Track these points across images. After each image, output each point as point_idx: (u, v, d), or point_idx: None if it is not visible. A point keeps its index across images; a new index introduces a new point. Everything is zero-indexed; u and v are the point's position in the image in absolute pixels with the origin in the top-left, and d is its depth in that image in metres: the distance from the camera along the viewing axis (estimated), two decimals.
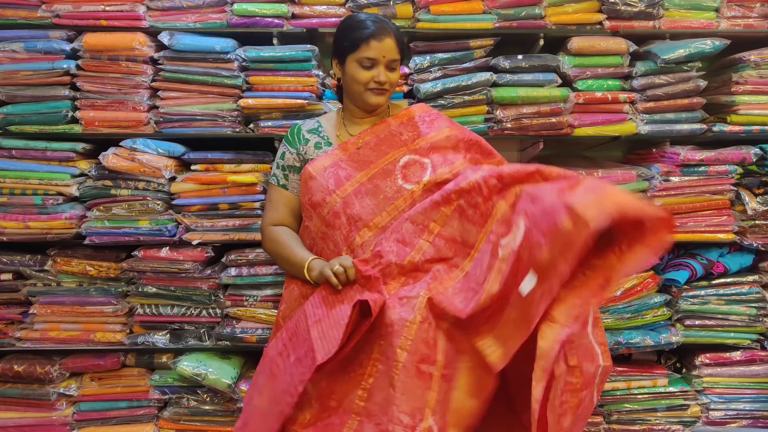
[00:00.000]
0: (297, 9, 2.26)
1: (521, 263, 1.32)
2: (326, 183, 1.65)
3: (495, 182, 1.49)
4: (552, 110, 2.24)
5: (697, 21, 2.30)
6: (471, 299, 1.40)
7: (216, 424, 2.30)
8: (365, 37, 1.63)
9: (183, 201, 2.23)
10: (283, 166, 1.77)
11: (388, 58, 1.65)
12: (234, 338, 2.25)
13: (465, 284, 1.46)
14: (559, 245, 1.25)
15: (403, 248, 1.51)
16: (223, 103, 2.24)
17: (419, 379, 1.36)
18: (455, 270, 1.50)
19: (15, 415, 2.29)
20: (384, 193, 1.61)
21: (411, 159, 1.66)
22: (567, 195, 1.29)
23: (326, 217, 1.63)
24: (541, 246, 1.28)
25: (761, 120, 2.29)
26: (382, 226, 1.58)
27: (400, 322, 1.41)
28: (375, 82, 1.65)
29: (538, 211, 1.33)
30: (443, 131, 1.71)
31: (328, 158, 1.69)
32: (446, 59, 2.25)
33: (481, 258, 1.45)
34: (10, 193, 2.20)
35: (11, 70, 2.19)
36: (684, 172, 2.28)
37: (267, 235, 1.76)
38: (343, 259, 1.54)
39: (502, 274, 1.35)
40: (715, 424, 2.34)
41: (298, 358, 1.44)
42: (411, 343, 1.38)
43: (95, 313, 2.27)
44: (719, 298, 2.31)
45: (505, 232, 1.41)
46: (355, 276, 1.51)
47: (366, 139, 1.70)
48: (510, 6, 2.26)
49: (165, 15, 2.25)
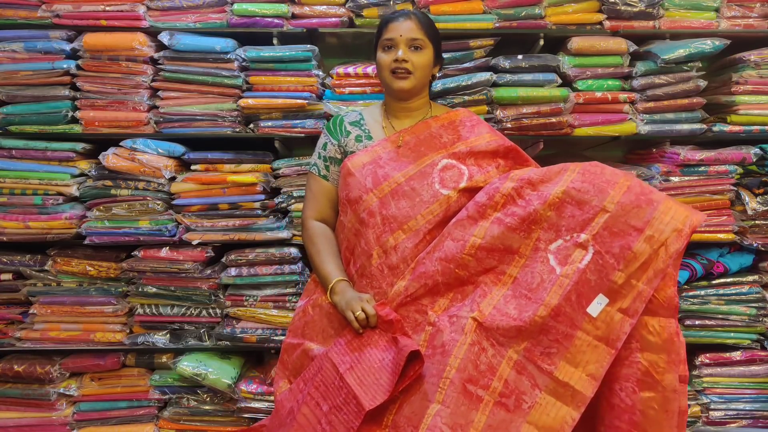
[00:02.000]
0: (297, 9, 2.26)
1: (588, 285, 1.36)
2: (364, 181, 1.64)
3: (529, 191, 1.51)
4: (552, 110, 2.24)
5: (697, 21, 2.30)
6: (526, 307, 1.41)
7: (216, 424, 2.30)
8: (385, 22, 1.70)
9: (183, 201, 2.23)
10: (325, 156, 1.76)
11: (407, 37, 1.65)
12: (234, 338, 2.25)
13: (516, 290, 1.46)
14: (636, 268, 1.34)
15: (447, 265, 1.51)
16: (223, 103, 2.24)
17: (465, 397, 1.37)
18: (502, 277, 1.50)
19: (15, 415, 2.29)
20: (420, 196, 1.61)
21: (449, 163, 1.66)
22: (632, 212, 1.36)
23: (361, 215, 1.63)
24: (615, 268, 1.34)
25: (761, 120, 2.29)
26: (416, 230, 1.58)
27: (451, 343, 1.42)
28: (394, 62, 1.65)
29: (606, 232, 1.37)
30: (484, 137, 1.71)
31: (368, 155, 1.69)
32: (446, 59, 2.25)
33: (532, 265, 1.46)
34: (10, 193, 2.21)
35: (11, 70, 2.19)
36: (684, 172, 2.28)
37: (307, 230, 1.75)
38: (365, 303, 1.52)
39: (563, 288, 1.37)
40: (715, 424, 2.34)
41: (335, 406, 1.41)
42: (460, 361, 1.39)
43: (95, 313, 2.27)
44: (719, 298, 2.31)
45: (553, 238, 1.45)
46: (377, 322, 1.50)
47: (406, 139, 1.70)
48: (510, 6, 2.26)
49: (165, 15, 2.25)
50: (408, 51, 1.66)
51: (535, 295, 1.41)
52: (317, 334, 1.64)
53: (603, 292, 1.35)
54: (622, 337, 1.33)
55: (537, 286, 1.42)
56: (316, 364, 1.54)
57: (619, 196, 1.40)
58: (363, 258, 1.61)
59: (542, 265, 1.44)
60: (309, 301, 1.70)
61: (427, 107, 1.80)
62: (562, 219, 1.45)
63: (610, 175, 1.45)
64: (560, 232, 1.45)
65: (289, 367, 1.67)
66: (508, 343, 1.41)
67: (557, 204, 1.46)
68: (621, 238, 1.36)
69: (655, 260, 1.34)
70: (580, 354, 1.35)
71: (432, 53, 1.71)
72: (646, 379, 1.35)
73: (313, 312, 1.67)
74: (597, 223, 1.40)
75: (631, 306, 1.34)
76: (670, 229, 1.34)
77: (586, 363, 1.34)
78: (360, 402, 1.36)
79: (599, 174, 1.46)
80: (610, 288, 1.35)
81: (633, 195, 1.40)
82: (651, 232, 1.34)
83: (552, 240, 1.45)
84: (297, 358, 1.64)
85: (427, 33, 1.68)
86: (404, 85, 1.68)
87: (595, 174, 1.46)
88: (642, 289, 1.34)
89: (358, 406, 1.35)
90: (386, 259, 1.58)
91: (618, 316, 1.34)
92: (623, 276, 1.34)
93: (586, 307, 1.36)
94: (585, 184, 1.44)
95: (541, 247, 1.46)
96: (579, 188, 1.44)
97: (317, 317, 1.66)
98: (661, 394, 1.34)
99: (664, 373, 1.34)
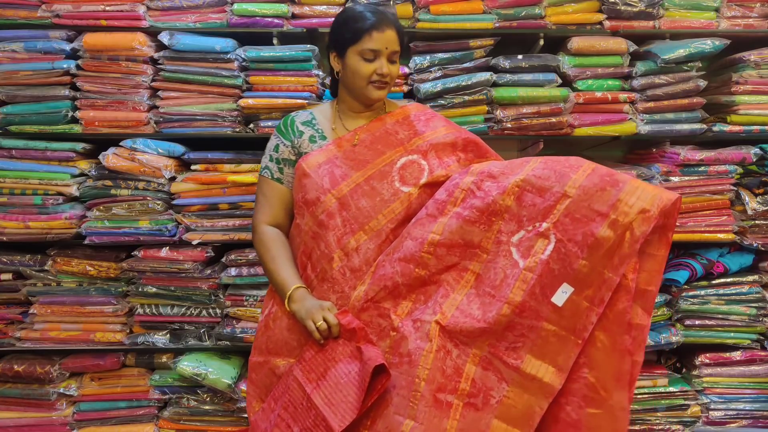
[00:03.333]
0: (297, 9, 2.26)
1: (552, 275, 1.30)
2: (321, 181, 1.59)
3: (490, 183, 1.46)
4: (552, 110, 2.24)
5: (697, 21, 2.30)
6: (490, 306, 1.37)
7: (216, 423, 2.30)
8: (367, 28, 1.58)
9: (183, 201, 2.23)
10: (278, 159, 1.69)
11: (391, 50, 1.60)
12: (234, 338, 2.25)
13: (479, 288, 1.41)
14: (601, 255, 1.26)
15: (406, 266, 1.46)
16: (223, 103, 2.24)
17: (436, 409, 1.34)
18: (465, 274, 1.45)
19: (15, 415, 2.29)
20: (381, 195, 1.57)
21: (408, 160, 1.62)
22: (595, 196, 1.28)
23: (320, 216, 1.58)
24: (578, 257, 1.27)
25: (761, 120, 2.29)
26: (377, 230, 1.54)
27: (417, 351, 1.38)
28: (378, 74, 1.60)
29: (567, 219, 1.31)
30: (440, 130, 1.68)
31: (323, 154, 1.63)
32: (446, 59, 2.25)
33: (495, 260, 1.41)
34: (10, 193, 2.21)
35: (11, 70, 2.19)
36: (684, 172, 2.28)
37: (260, 235, 1.68)
38: (326, 311, 1.46)
39: (527, 283, 1.32)
40: (715, 424, 2.34)
41: (305, 428, 1.37)
42: (428, 372, 1.36)
43: (95, 313, 2.27)
44: (719, 298, 2.31)
45: (515, 230, 1.39)
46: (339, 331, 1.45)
47: (362, 137, 1.66)
48: (510, 6, 2.26)
49: (165, 15, 2.25)
50: (387, 63, 1.61)
51: (498, 292, 1.36)
52: (281, 348, 1.59)
53: (567, 281, 1.29)
54: (589, 327, 1.28)
55: (500, 282, 1.37)
56: (283, 382, 1.51)
57: (582, 179, 1.33)
58: (323, 262, 1.55)
59: (505, 260, 1.38)
60: (269, 315, 1.64)
61: (380, 104, 1.75)
62: (522, 209, 1.39)
63: (575, 161, 1.39)
64: (522, 223, 1.39)
65: (259, 385, 1.62)
66: (473, 342, 1.38)
67: (517, 193, 1.40)
68: (584, 224, 1.29)
69: (621, 246, 1.26)
70: (546, 345, 1.30)
71: None
72: (592, 396, 1.30)
73: (273, 326, 1.61)
74: (558, 210, 1.33)
75: (596, 295, 1.27)
76: (635, 211, 1.25)
77: (553, 354, 1.30)
78: (329, 424, 1.32)
79: (562, 161, 1.40)
80: (575, 277, 1.28)
81: (596, 177, 1.32)
82: (615, 215, 1.26)
83: (514, 232, 1.39)
84: (265, 377, 1.60)
85: (401, 42, 1.64)
86: (382, 95, 1.64)
87: (557, 161, 1.41)
88: (608, 277, 1.27)
89: (328, 428, 1.32)
90: (348, 261, 1.53)
91: (584, 304, 1.28)
92: (587, 264, 1.27)
93: (551, 297, 1.30)
94: (546, 170, 1.38)
95: (503, 240, 1.40)
96: (539, 175, 1.38)
97: (278, 331, 1.60)
98: (608, 412, 1.29)
99: (612, 390, 1.29)
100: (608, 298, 1.28)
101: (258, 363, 1.63)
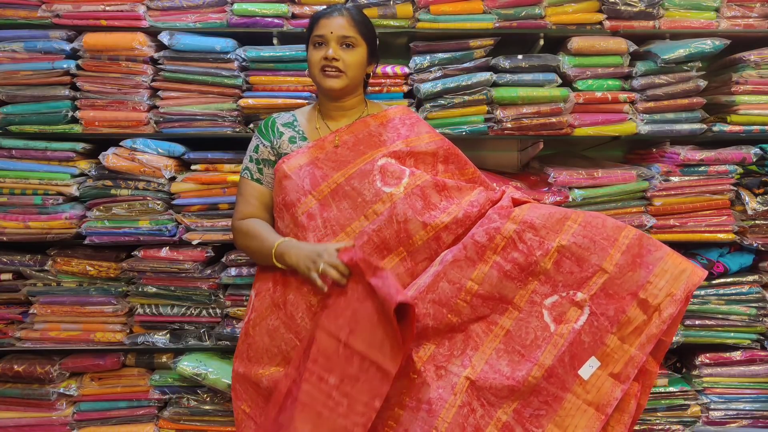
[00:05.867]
0: (297, 9, 2.26)
1: (582, 346, 1.34)
2: (302, 183, 1.58)
3: (531, 236, 1.46)
4: (552, 110, 2.24)
5: (697, 21, 2.30)
6: (519, 365, 1.38)
7: (216, 424, 2.30)
8: (316, 18, 1.64)
9: (183, 201, 2.23)
10: (257, 159, 1.70)
11: (338, 34, 1.59)
12: (234, 338, 2.24)
13: (508, 344, 1.42)
14: (629, 333, 1.32)
15: (440, 309, 1.45)
16: (223, 103, 2.24)
17: None
18: (494, 328, 1.45)
19: (15, 415, 2.29)
20: (362, 195, 1.55)
21: (388, 162, 1.60)
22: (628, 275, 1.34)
23: (300, 218, 1.56)
24: (608, 331, 1.32)
25: (761, 120, 2.29)
26: (360, 232, 1.53)
27: (438, 402, 1.37)
28: (324, 59, 1.59)
29: (602, 293, 1.35)
30: (423, 137, 1.68)
31: (304, 156, 1.63)
32: (446, 59, 2.25)
33: (527, 319, 1.42)
34: (10, 193, 2.20)
35: (11, 70, 2.19)
36: (684, 172, 2.28)
37: (237, 229, 1.66)
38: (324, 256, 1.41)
39: (558, 349, 1.35)
40: (715, 424, 2.34)
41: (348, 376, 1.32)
42: (447, 425, 1.35)
43: (95, 313, 2.27)
44: (719, 298, 2.31)
45: (549, 292, 1.42)
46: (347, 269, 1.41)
47: (344, 138, 1.65)
48: (510, 6, 2.26)
49: (165, 15, 2.24)
50: (339, 49, 1.60)
51: (528, 352, 1.38)
52: (262, 356, 1.57)
53: (596, 354, 1.34)
54: (613, 402, 1.31)
55: (531, 343, 1.39)
56: (307, 338, 1.46)
57: (618, 257, 1.39)
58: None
59: (537, 321, 1.41)
60: (248, 322, 1.63)
61: (362, 105, 1.74)
62: (559, 274, 1.42)
63: (612, 230, 1.43)
64: (557, 288, 1.42)
65: (243, 397, 1.60)
66: (499, 403, 1.38)
67: (556, 258, 1.43)
68: (616, 300, 1.35)
69: (648, 325, 1.33)
70: (569, 417, 1.33)
71: (365, 51, 1.66)
72: None
73: (253, 333, 1.60)
74: (595, 284, 1.38)
75: (622, 371, 1.32)
76: (663, 294, 1.33)
77: (574, 427, 1.32)
78: (382, 367, 1.28)
79: (600, 228, 1.43)
80: (603, 351, 1.34)
81: (630, 256, 1.38)
82: (645, 296, 1.34)
83: (548, 294, 1.42)
84: (251, 387, 1.59)
85: (360, 31, 1.62)
86: (335, 84, 1.62)
87: (597, 228, 1.44)
88: (634, 354, 1.32)
89: (381, 370, 1.28)
90: None
91: (609, 381, 1.33)
92: (616, 340, 1.33)
93: (578, 369, 1.34)
94: (585, 239, 1.42)
95: (537, 300, 1.43)
96: (579, 243, 1.42)
97: (258, 338, 1.59)
98: None
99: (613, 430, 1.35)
100: (633, 376, 1.32)
101: (240, 374, 1.61)
